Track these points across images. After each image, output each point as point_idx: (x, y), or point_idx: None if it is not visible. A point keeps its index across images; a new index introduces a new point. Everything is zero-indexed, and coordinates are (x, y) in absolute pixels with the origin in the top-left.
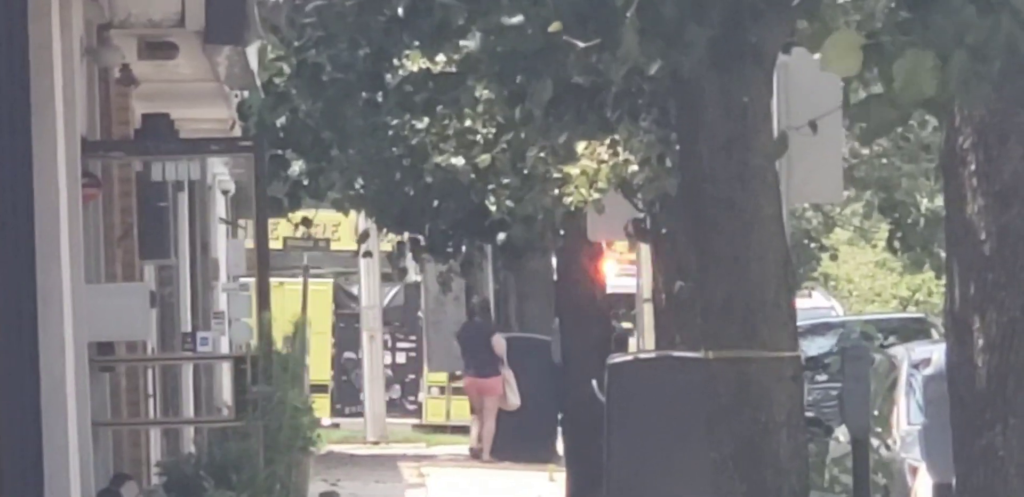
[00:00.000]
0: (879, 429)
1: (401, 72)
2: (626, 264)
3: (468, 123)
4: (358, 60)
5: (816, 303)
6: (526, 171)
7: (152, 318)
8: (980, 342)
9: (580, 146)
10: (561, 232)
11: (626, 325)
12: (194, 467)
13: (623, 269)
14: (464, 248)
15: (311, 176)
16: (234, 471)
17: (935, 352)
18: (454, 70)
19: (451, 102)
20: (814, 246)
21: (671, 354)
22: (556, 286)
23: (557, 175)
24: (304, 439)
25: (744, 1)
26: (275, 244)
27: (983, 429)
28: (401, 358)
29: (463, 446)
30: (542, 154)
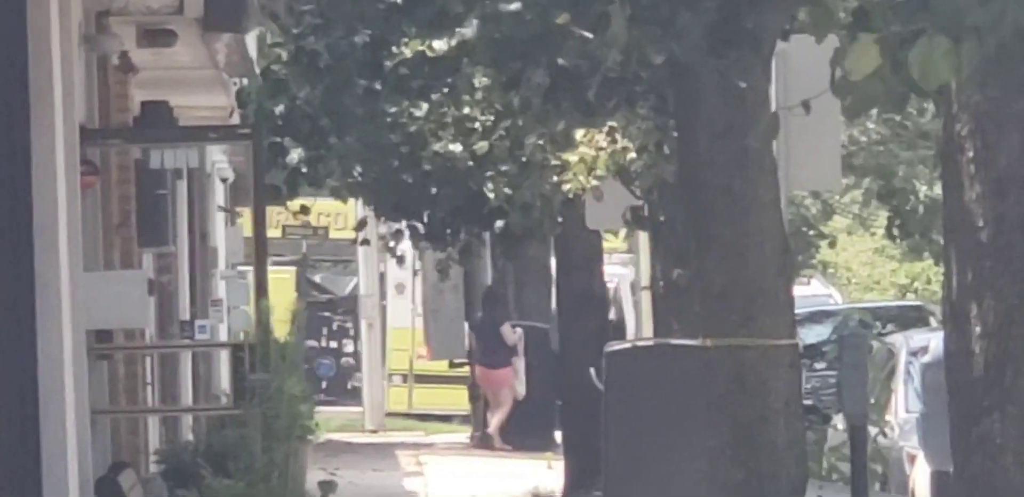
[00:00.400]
0: (876, 417)
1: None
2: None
3: (466, 110)
4: (356, 48)
5: (814, 291)
6: (524, 158)
7: (150, 306)
8: (977, 330)
9: (578, 133)
10: (559, 219)
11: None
12: (192, 455)
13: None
14: (462, 235)
15: (309, 164)
16: (232, 459)
17: (933, 340)
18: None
19: (448, 88)
20: (813, 234)
21: (669, 342)
22: (555, 274)
23: (555, 162)
24: (302, 427)
25: None
26: (274, 232)
27: (980, 417)
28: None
29: (462, 435)
30: (540, 141)
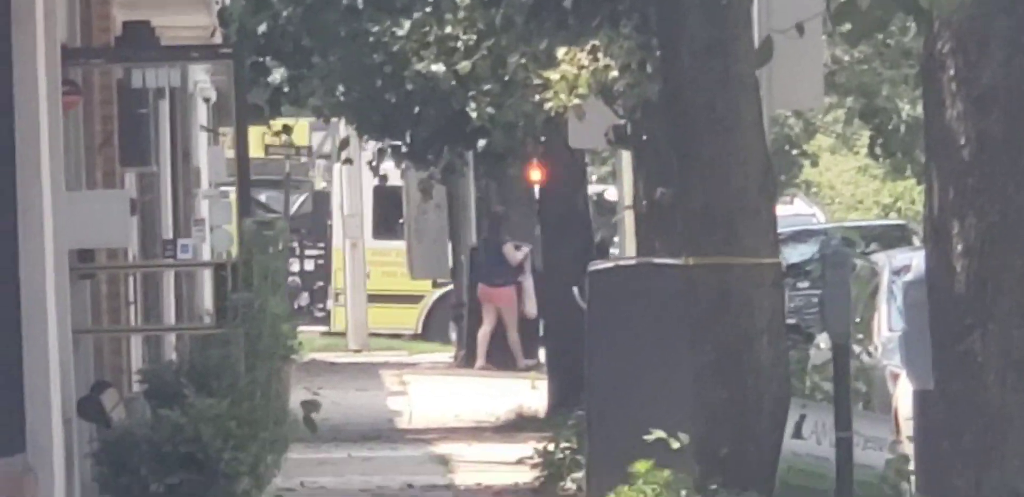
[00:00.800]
0: (860, 336)
1: None
2: None
3: (448, 29)
4: None
5: (798, 210)
6: (507, 78)
7: (133, 225)
8: (959, 248)
9: (560, 52)
10: (542, 139)
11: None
12: (175, 374)
13: None
14: (445, 155)
15: (292, 83)
16: (215, 378)
17: (915, 258)
18: None
19: (431, 6)
20: (796, 153)
21: (651, 261)
22: (538, 194)
23: (538, 81)
24: (285, 347)
25: None
26: (257, 151)
27: (962, 335)
28: (309, 265)
29: (446, 355)
30: (523, 60)
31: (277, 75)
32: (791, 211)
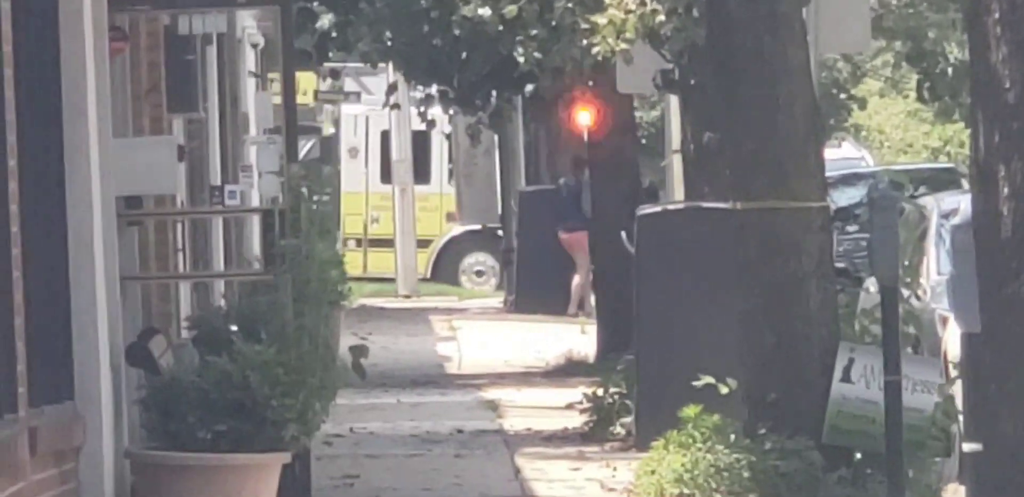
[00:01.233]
0: (908, 279)
1: None
2: None
3: None
4: None
5: (846, 153)
6: (554, 22)
7: (180, 172)
8: (1005, 190)
9: None
10: (590, 83)
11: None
12: (223, 321)
13: None
14: (493, 100)
15: (339, 29)
16: (263, 324)
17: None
18: None
19: None
20: (844, 97)
21: (700, 205)
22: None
23: (585, 26)
24: (334, 292)
25: None
26: (306, 98)
27: (1008, 278)
28: None
29: (496, 300)
30: (569, 5)
31: (324, 21)
32: (840, 155)
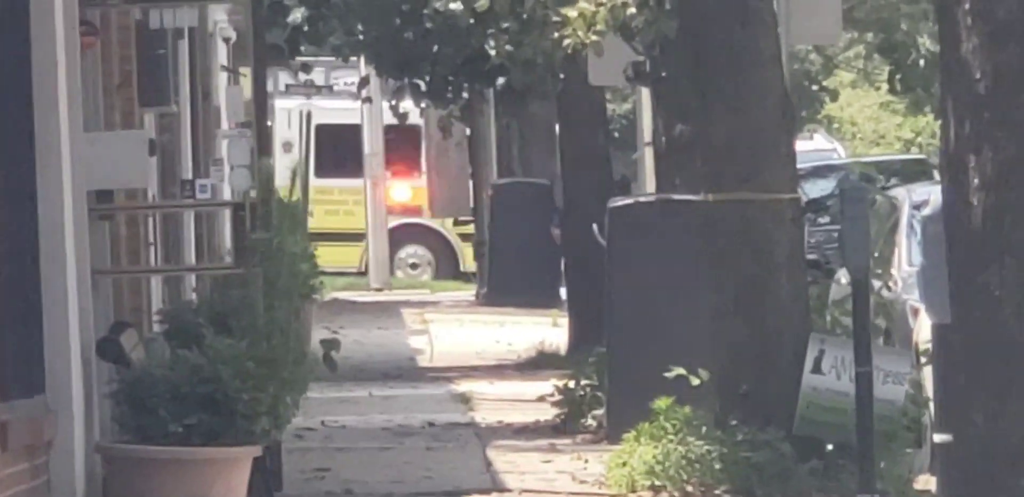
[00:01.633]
0: (880, 271)
1: None
2: None
3: None
4: None
5: (818, 145)
6: (525, 15)
7: (152, 166)
8: (975, 181)
9: None
10: (561, 76)
11: None
12: (194, 315)
13: None
14: (464, 93)
15: (311, 23)
16: (234, 318)
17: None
18: None
19: None
20: (816, 88)
21: (671, 197)
22: (558, 130)
23: (556, 19)
24: (305, 286)
25: None
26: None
27: (979, 269)
28: None
29: (467, 293)
30: None
31: (296, 15)
32: (811, 146)
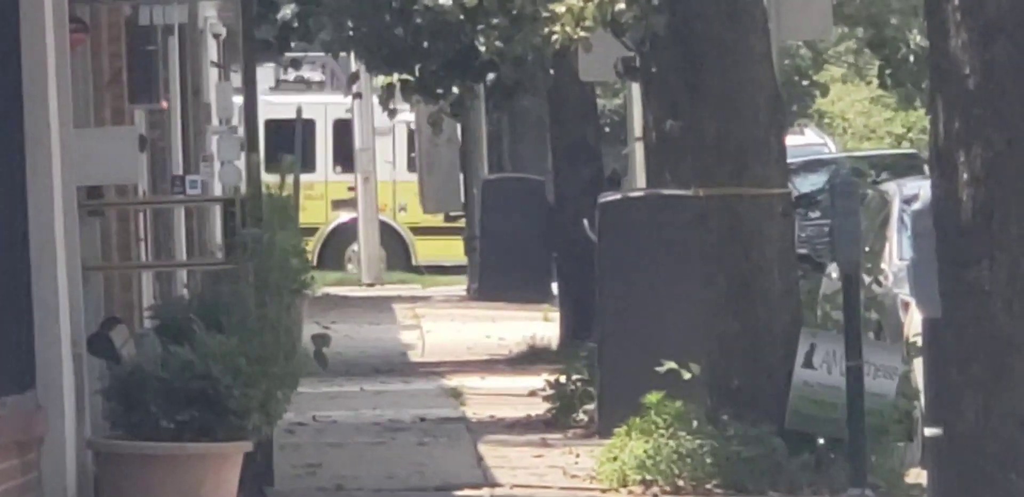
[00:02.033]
0: (870, 265)
1: None
2: None
3: None
4: None
5: (809, 140)
6: (515, 11)
7: (142, 162)
8: (965, 177)
9: None
10: (551, 72)
11: None
12: (185, 310)
13: None
14: (455, 89)
15: (301, 19)
16: (225, 314)
17: (923, 187)
18: None
19: None
20: (807, 83)
21: (661, 192)
22: (549, 126)
23: (546, 14)
24: (296, 281)
25: None
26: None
27: (969, 264)
28: None
29: (459, 287)
30: None
31: (286, 11)
32: (802, 141)
